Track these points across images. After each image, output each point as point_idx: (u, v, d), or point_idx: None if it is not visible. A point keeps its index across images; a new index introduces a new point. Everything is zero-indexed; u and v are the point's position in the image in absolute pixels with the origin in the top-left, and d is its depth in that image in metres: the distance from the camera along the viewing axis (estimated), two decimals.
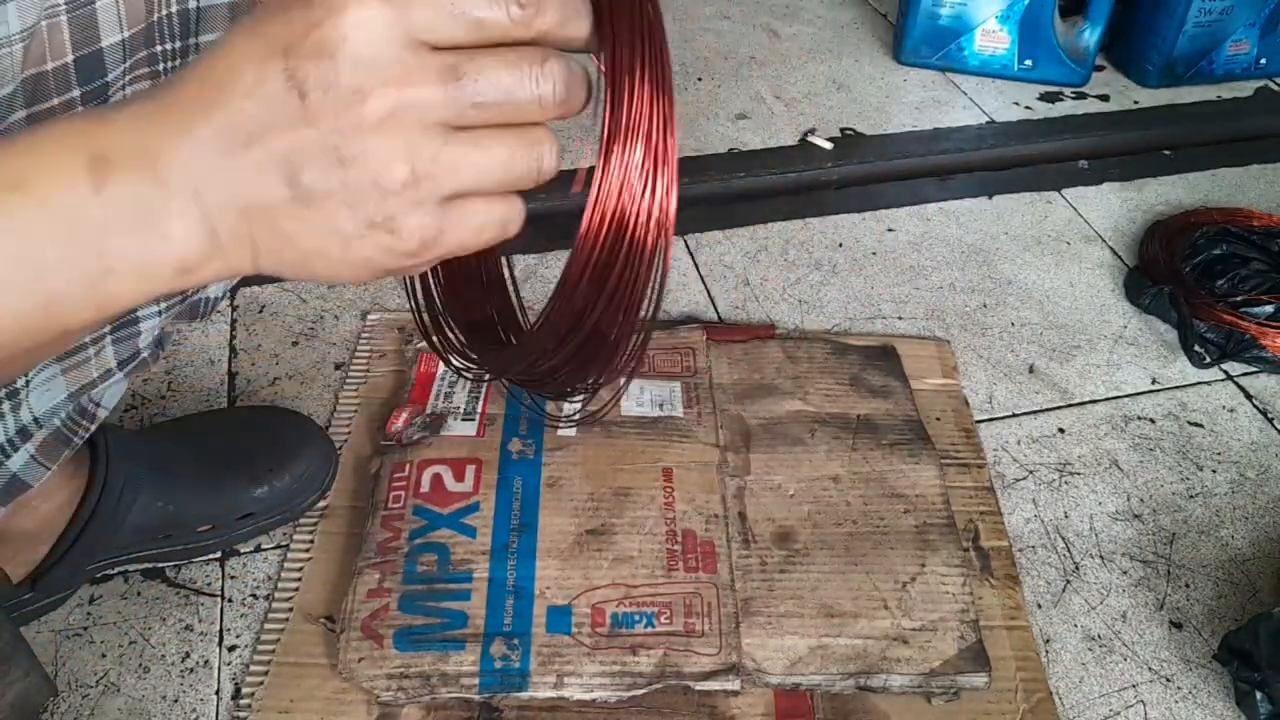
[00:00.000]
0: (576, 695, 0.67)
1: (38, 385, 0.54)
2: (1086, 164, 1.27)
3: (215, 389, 0.90)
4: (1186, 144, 1.32)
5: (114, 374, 0.58)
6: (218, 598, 0.74)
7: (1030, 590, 0.77)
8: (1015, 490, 0.85)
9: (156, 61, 0.50)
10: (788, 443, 0.84)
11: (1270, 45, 1.43)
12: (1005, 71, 1.43)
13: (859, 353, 0.93)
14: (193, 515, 0.74)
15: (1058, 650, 0.74)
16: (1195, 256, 1.07)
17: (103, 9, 0.46)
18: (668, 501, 0.78)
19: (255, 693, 0.67)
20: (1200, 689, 0.72)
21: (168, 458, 0.74)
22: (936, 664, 0.69)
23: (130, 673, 0.69)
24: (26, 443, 0.57)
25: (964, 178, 1.24)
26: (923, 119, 1.34)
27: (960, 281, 1.07)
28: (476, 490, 0.78)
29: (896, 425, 0.86)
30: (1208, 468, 0.88)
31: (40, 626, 0.71)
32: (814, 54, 1.48)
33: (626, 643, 0.69)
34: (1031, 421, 0.91)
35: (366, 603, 0.70)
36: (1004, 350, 0.99)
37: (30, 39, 0.44)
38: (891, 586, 0.73)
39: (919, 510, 0.79)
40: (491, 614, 0.70)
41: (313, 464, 0.77)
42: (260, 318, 0.97)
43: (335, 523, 0.78)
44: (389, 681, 0.66)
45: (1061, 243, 1.13)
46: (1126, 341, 1.01)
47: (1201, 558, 0.81)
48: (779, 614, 0.71)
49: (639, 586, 0.72)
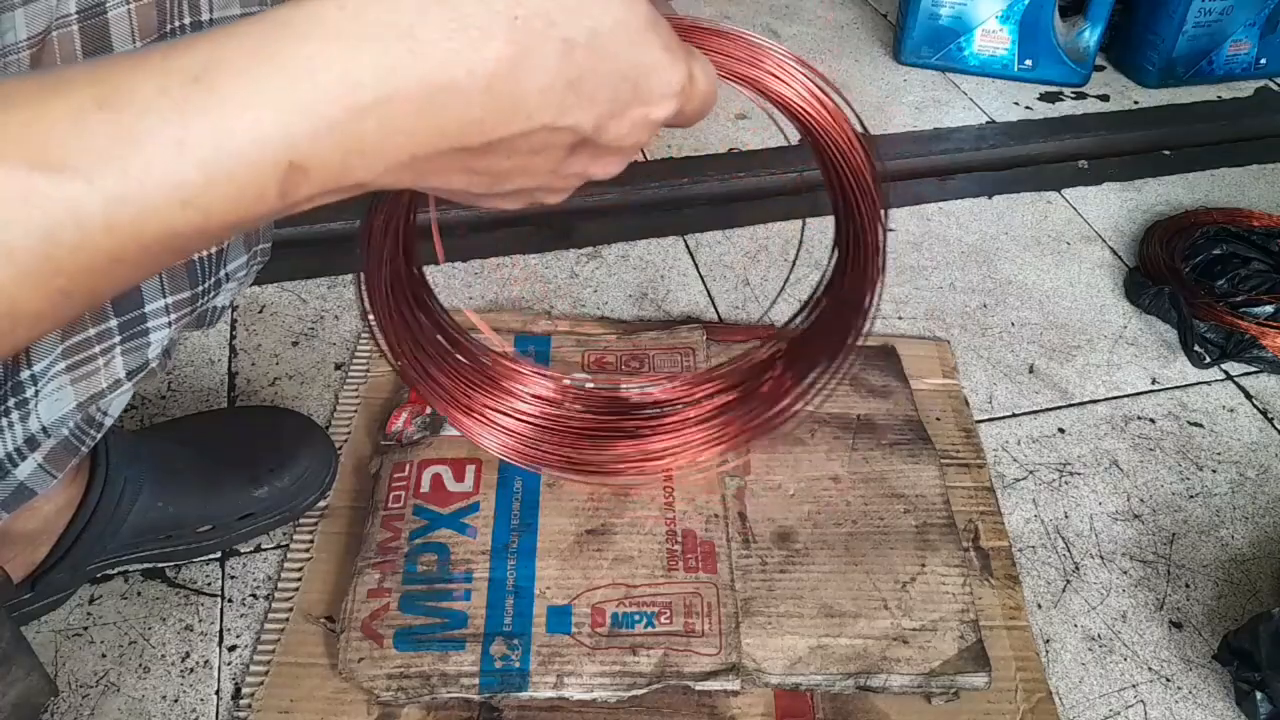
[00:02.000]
0: (576, 695, 0.67)
1: (46, 395, 0.54)
2: (1086, 164, 1.27)
3: (215, 389, 0.90)
4: (1186, 144, 1.32)
5: (123, 384, 0.58)
6: (218, 598, 0.74)
7: (1030, 590, 0.77)
8: (1015, 490, 0.85)
9: None
10: (788, 443, 0.84)
11: (1270, 45, 1.43)
12: (1005, 71, 1.43)
13: (859, 353, 0.93)
14: (193, 515, 0.74)
15: (1058, 650, 0.74)
16: (1195, 256, 1.07)
17: (115, 20, 0.46)
18: (668, 501, 0.78)
19: (255, 693, 0.67)
20: (1200, 689, 0.72)
21: (168, 458, 0.74)
22: (936, 664, 0.69)
23: (130, 673, 0.70)
24: (34, 452, 0.57)
25: (964, 178, 1.24)
26: (923, 119, 1.34)
27: (960, 281, 1.07)
28: (477, 490, 0.78)
29: (896, 425, 0.86)
30: (1208, 468, 0.88)
31: (40, 626, 0.71)
32: (814, 54, 1.48)
33: (626, 643, 0.69)
34: (1031, 421, 0.91)
35: (366, 603, 0.70)
36: (1004, 350, 0.99)
37: (40, 49, 0.44)
38: (891, 586, 0.73)
39: (919, 510, 0.79)
40: (491, 614, 0.70)
41: (313, 464, 0.77)
42: (260, 318, 0.97)
43: (335, 523, 0.78)
44: (389, 681, 0.66)
45: (1061, 243, 1.13)
46: (1126, 341, 1.01)
47: (1201, 558, 0.81)
48: (779, 614, 0.71)
49: (639, 586, 0.72)
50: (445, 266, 1.03)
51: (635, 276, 1.04)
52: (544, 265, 1.05)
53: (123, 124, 0.29)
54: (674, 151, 1.25)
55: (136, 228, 0.29)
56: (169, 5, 0.48)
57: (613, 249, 1.08)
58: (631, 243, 1.09)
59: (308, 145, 0.31)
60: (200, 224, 0.31)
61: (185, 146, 0.29)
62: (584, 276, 1.04)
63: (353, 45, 0.31)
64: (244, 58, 0.30)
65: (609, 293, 1.02)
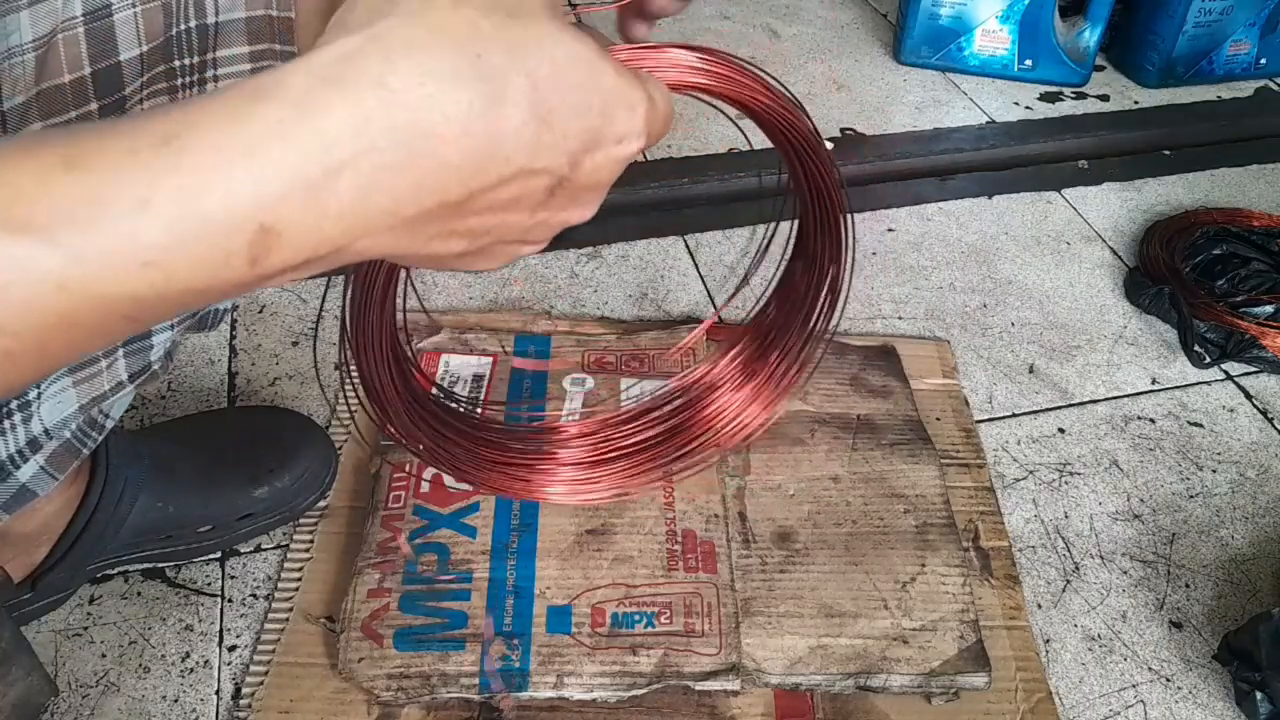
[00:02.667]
0: (576, 695, 0.67)
1: (49, 397, 0.54)
2: (1086, 164, 1.26)
3: (215, 389, 0.90)
4: (1186, 144, 1.32)
5: (125, 386, 0.58)
6: (218, 598, 0.74)
7: (1030, 590, 0.77)
8: (1015, 490, 0.85)
9: (174, 76, 0.50)
10: (788, 443, 0.84)
11: (1270, 45, 1.43)
12: (1005, 71, 1.43)
13: (859, 353, 0.93)
14: (193, 516, 0.74)
15: (1058, 650, 0.74)
16: (1195, 256, 1.07)
17: (121, 23, 0.46)
18: (668, 501, 0.78)
19: (255, 693, 0.67)
20: (1200, 689, 0.72)
21: (168, 458, 0.74)
22: (936, 664, 0.69)
23: (130, 673, 0.70)
24: (36, 454, 0.57)
25: (964, 178, 1.24)
26: (923, 119, 1.34)
27: (960, 281, 1.07)
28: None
29: (896, 425, 0.86)
30: (1208, 468, 0.88)
31: (40, 626, 0.71)
32: (814, 54, 1.48)
33: (626, 643, 0.69)
34: (1031, 421, 0.91)
35: (366, 603, 0.70)
36: (1004, 350, 0.99)
37: (46, 51, 0.44)
38: (891, 586, 0.73)
39: (919, 510, 0.79)
40: (492, 614, 0.70)
41: (313, 464, 0.77)
42: (260, 318, 0.97)
43: (335, 523, 0.78)
44: (389, 681, 0.66)
45: (1061, 243, 1.13)
46: (1126, 341, 1.01)
47: (1201, 558, 0.81)
48: (779, 614, 0.71)
49: (639, 586, 0.72)
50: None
51: (635, 276, 1.04)
52: (544, 265, 1.05)
53: (88, 184, 0.28)
54: (674, 151, 1.25)
55: (92, 288, 0.28)
56: (175, 7, 0.48)
57: (613, 249, 1.08)
58: (631, 243, 1.09)
59: (280, 207, 0.30)
60: (161, 287, 0.29)
61: (151, 206, 0.28)
62: (584, 276, 1.04)
63: (324, 104, 0.30)
64: (215, 122, 0.30)
65: (609, 293, 1.02)
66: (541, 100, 0.33)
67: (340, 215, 0.31)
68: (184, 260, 0.29)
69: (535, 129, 0.33)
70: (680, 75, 0.44)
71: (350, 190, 0.31)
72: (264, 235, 0.30)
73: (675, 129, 1.27)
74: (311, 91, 0.30)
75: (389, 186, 0.32)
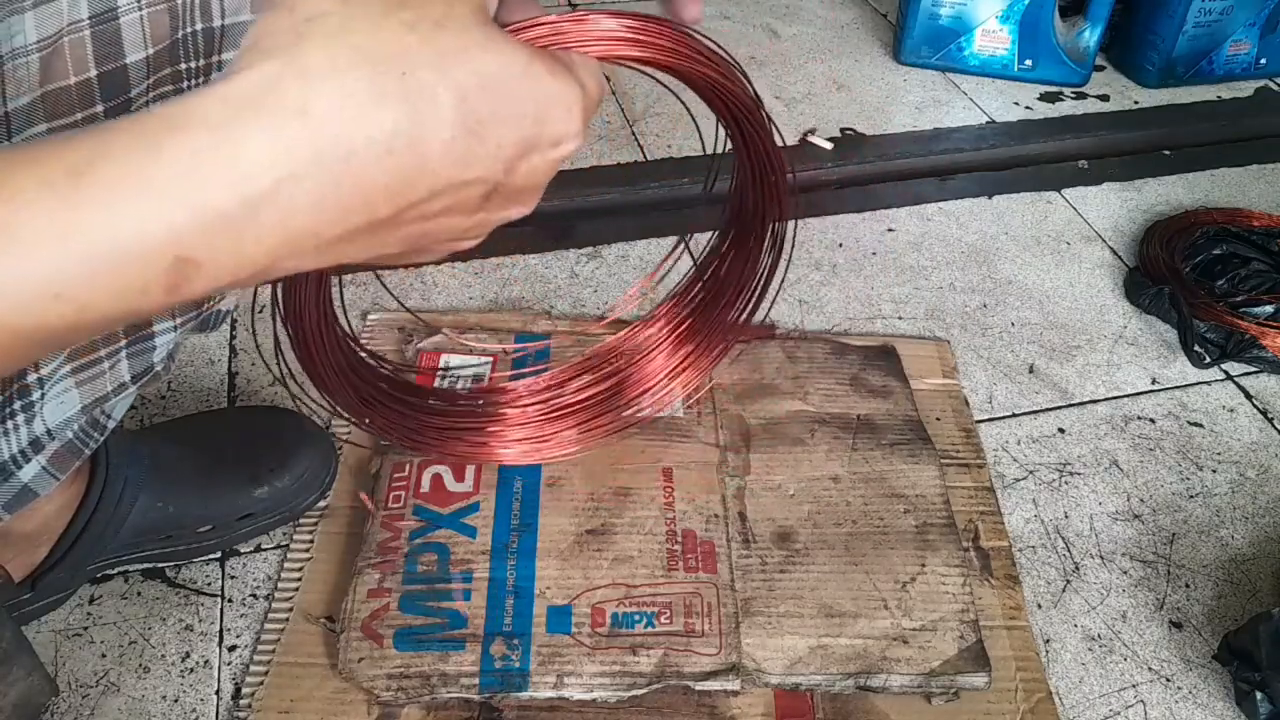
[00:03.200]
0: (576, 695, 0.67)
1: (52, 398, 0.54)
2: (1086, 164, 1.27)
3: (215, 389, 0.90)
4: (1186, 144, 1.32)
5: (127, 387, 0.58)
6: (218, 598, 0.74)
7: (1030, 590, 0.77)
8: (1015, 490, 0.85)
9: (180, 79, 0.50)
10: (788, 443, 0.84)
11: (1270, 45, 1.43)
12: (1005, 71, 1.43)
13: (859, 353, 0.93)
14: (193, 516, 0.74)
15: (1058, 650, 0.74)
16: (1195, 256, 1.07)
17: (127, 25, 0.46)
18: (668, 501, 0.78)
19: (255, 693, 0.67)
20: (1200, 689, 0.72)
21: (168, 458, 0.74)
22: (936, 664, 0.69)
23: (130, 673, 0.70)
24: (39, 454, 0.57)
25: (964, 178, 1.24)
26: (923, 119, 1.34)
27: (960, 281, 1.07)
28: (476, 490, 0.78)
29: (896, 425, 0.86)
30: (1208, 468, 0.88)
31: (40, 626, 0.71)
32: (814, 54, 1.48)
33: (626, 643, 0.69)
34: (1031, 421, 0.91)
35: (366, 603, 0.70)
36: (1004, 350, 0.99)
37: (52, 53, 0.44)
38: (891, 586, 0.73)
39: (919, 510, 0.79)
40: (491, 614, 0.70)
41: (313, 464, 0.77)
42: (260, 318, 0.97)
43: (335, 523, 0.78)
44: (389, 681, 0.66)
45: (1061, 243, 1.13)
46: (1126, 341, 1.01)
47: (1201, 558, 0.81)
48: (779, 614, 0.71)
49: (639, 586, 0.72)
50: (446, 267, 1.03)
51: (635, 276, 1.04)
52: (544, 265, 1.05)
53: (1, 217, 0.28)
54: (674, 152, 1.25)
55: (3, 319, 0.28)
56: (182, 10, 0.48)
57: (613, 249, 1.08)
58: (631, 243, 1.09)
59: (196, 239, 0.30)
60: (73, 318, 0.29)
61: (63, 239, 0.28)
62: (584, 276, 1.04)
63: (241, 134, 0.30)
64: (129, 153, 0.29)
65: (609, 293, 1.02)
66: (471, 112, 0.33)
67: (260, 241, 0.31)
68: (98, 292, 0.29)
69: (465, 142, 0.33)
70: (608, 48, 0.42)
71: (273, 219, 0.31)
72: (181, 265, 0.30)
73: (675, 129, 1.28)
74: (228, 122, 0.30)
75: (313, 212, 0.31)
